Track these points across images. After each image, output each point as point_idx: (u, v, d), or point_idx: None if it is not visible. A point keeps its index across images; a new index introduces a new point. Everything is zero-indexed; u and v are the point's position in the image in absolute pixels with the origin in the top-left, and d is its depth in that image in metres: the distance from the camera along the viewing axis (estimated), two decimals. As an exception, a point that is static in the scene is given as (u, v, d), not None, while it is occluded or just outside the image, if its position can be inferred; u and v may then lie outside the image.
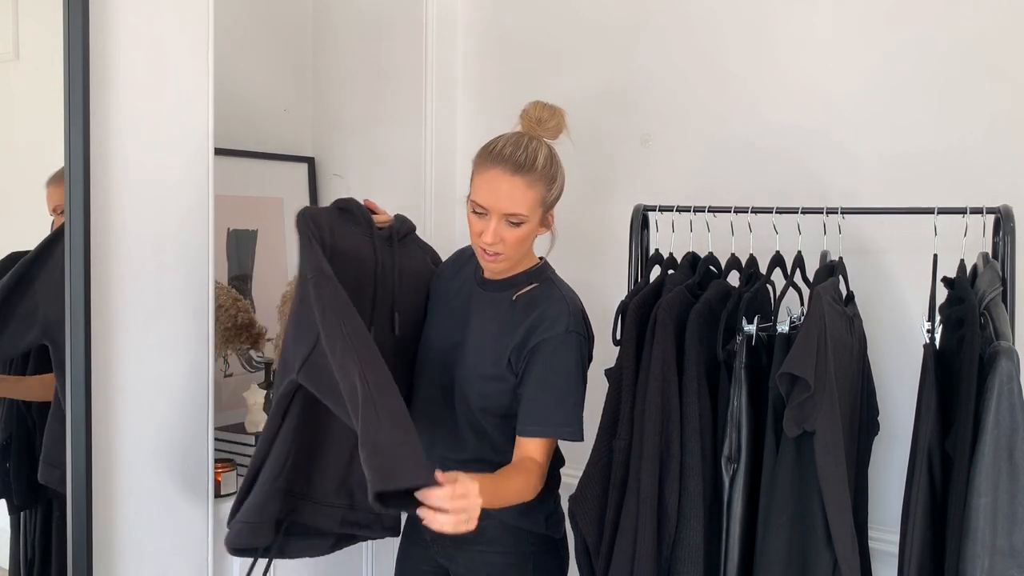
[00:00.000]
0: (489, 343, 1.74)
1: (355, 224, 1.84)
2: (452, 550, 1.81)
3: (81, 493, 1.77)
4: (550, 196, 1.70)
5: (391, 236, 1.88)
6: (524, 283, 1.76)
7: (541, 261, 1.80)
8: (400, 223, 1.93)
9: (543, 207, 1.69)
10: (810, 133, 2.10)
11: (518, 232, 1.67)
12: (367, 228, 1.85)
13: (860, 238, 1.97)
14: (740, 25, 2.19)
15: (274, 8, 2.78)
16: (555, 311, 1.70)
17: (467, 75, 2.65)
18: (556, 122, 1.71)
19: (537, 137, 1.69)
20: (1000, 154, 1.89)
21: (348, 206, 1.86)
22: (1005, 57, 1.89)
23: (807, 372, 1.49)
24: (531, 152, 1.66)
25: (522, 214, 1.65)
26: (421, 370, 1.85)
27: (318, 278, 1.62)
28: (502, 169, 1.64)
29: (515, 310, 1.74)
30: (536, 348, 1.68)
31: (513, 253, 1.71)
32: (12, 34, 1.85)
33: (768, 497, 1.57)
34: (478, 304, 1.79)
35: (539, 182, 1.66)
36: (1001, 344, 1.46)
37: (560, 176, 1.72)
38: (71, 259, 1.75)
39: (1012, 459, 1.43)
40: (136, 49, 1.83)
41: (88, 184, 1.75)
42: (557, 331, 1.68)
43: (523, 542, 1.77)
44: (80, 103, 1.72)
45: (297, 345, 1.65)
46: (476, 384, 1.74)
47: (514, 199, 1.64)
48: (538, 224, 1.71)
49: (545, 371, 1.67)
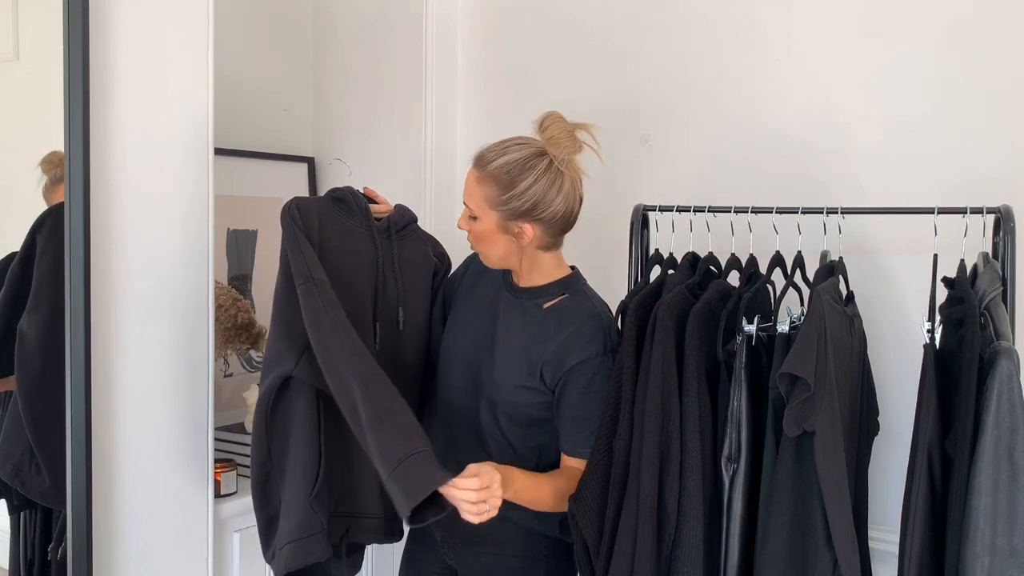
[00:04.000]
0: (520, 352, 1.72)
1: (351, 215, 1.79)
2: (463, 551, 1.79)
3: (81, 493, 1.77)
4: (504, 201, 1.64)
5: (389, 228, 1.83)
6: (556, 293, 1.74)
7: (573, 271, 1.79)
8: (400, 214, 1.88)
9: (495, 209, 1.65)
10: (810, 133, 2.10)
11: (474, 227, 1.71)
12: (364, 220, 1.80)
13: (860, 238, 1.97)
14: (740, 25, 2.19)
15: (274, 8, 2.77)
16: (590, 330, 1.69)
17: (467, 75, 2.65)
18: (557, 131, 1.62)
19: (535, 145, 1.64)
20: (1000, 154, 1.89)
21: (343, 196, 1.80)
22: (1005, 57, 1.89)
23: (807, 372, 1.49)
24: (500, 151, 1.65)
25: (469, 207, 1.70)
26: (444, 371, 1.83)
27: (307, 285, 1.60)
28: (473, 160, 1.71)
29: (546, 321, 1.72)
30: (574, 370, 1.68)
31: (481, 248, 1.74)
32: (12, 34, 1.85)
33: (768, 497, 1.57)
34: (507, 310, 1.77)
35: (488, 181, 1.65)
36: (1001, 344, 1.46)
37: (529, 187, 1.62)
38: (71, 259, 1.75)
39: (1012, 459, 1.43)
40: (136, 49, 1.83)
41: (88, 184, 1.75)
42: (595, 351, 1.69)
43: (536, 545, 1.76)
44: (80, 103, 1.72)
45: (284, 342, 1.64)
46: (505, 392, 1.73)
47: (467, 189, 1.71)
48: (497, 229, 1.67)
49: (586, 395, 1.68)
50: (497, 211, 1.66)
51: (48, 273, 1.78)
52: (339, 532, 1.76)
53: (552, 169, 1.63)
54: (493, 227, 1.68)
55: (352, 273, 1.75)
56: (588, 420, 1.69)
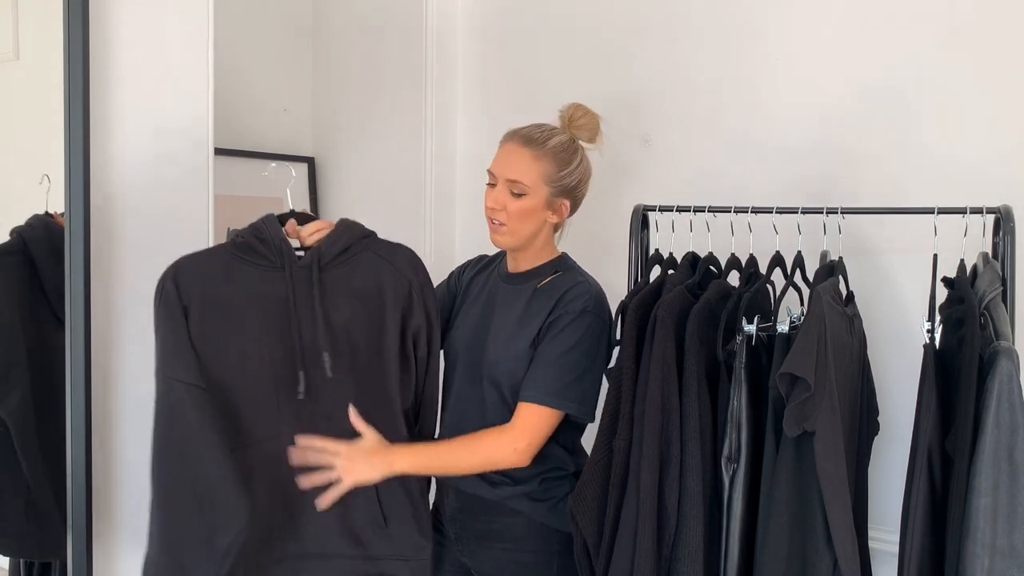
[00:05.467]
0: (515, 326, 1.76)
1: (260, 257, 1.62)
2: (476, 547, 1.80)
3: (81, 492, 1.77)
4: (560, 177, 1.75)
5: (311, 263, 1.63)
6: (548, 273, 1.80)
7: (562, 254, 1.85)
8: (330, 243, 1.66)
9: (549, 185, 1.74)
10: (810, 133, 2.10)
11: (519, 203, 1.73)
12: (277, 259, 1.62)
13: (860, 238, 1.97)
14: (740, 25, 2.19)
15: (274, 8, 2.78)
16: (576, 292, 1.74)
17: (467, 75, 2.65)
18: (587, 122, 1.78)
19: (567, 131, 1.77)
20: (1000, 154, 1.89)
21: (247, 241, 1.63)
22: (1005, 57, 1.89)
23: (807, 372, 1.49)
24: (547, 133, 1.76)
25: (523, 183, 1.73)
26: (451, 368, 1.86)
27: (168, 383, 1.55)
28: (515, 142, 1.76)
29: (539, 297, 1.77)
30: (552, 323, 1.72)
31: (516, 225, 1.75)
32: (12, 34, 1.85)
33: (768, 497, 1.57)
34: (503, 297, 1.82)
35: (546, 158, 1.74)
36: (1001, 344, 1.46)
37: (578, 165, 1.77)
38: (71, 259, 1.75)
39: (1012, 459, 1.43)
40: (136, 49, 1.83)
41: (88, 184, 1.75)
42: (574, 308, 1.72)
43: (551, 541, 1.76)
44: (80, 103, 1.73)
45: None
46: (505, 368, 1.74)
47: (518, 167, 1.73)
48: (544, 205, 1.76)
49: (551, 343, 1.71)
50: (550, 187, 1.75)
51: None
52: None
53: (584, 153, 1.80)
54: (542, 203, 1.75)
55: (260, 329, 1.61)
56: (543, 369, 1.69)
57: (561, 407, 1.69)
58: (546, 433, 1.69)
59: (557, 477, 1.75)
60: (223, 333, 1.59)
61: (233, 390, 1.59)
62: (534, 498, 1.73)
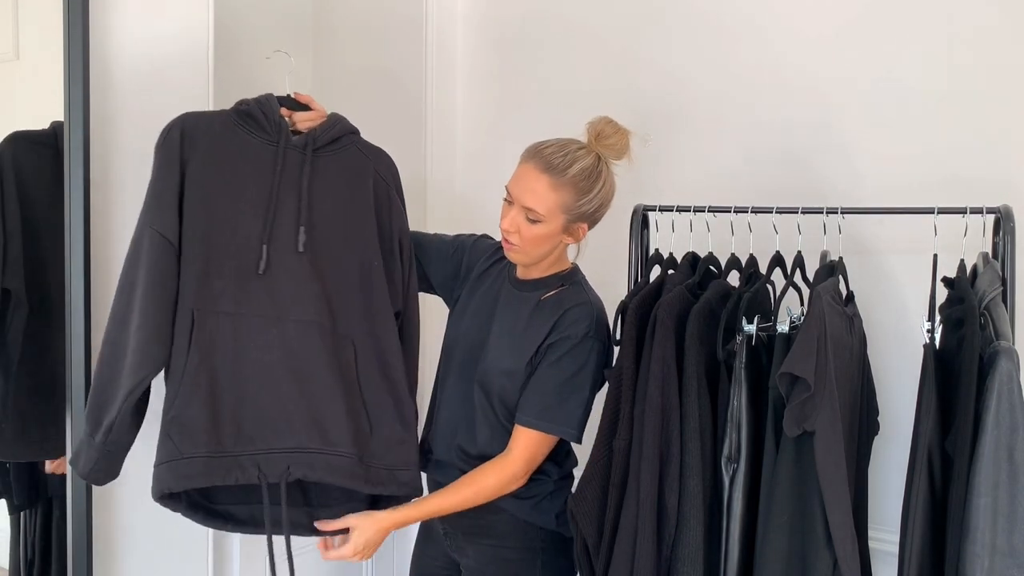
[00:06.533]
0: (512, 341, 1.75)
1: (259, 129, 1.68)
2: (463, 543, 1.83)
3: (81, 493, 1.77)
4: (578, 206, 1.69)
5: (307, 143, 1.71)
6: (554, 285, 1.78)
7: (572, 266, 1.83)
8: (328, 127, 1.75)
9: (566, 214, 1.69)
10: (810, 133, 2.10)
11: (534, 230, 1.69)
12: (274, 134, 1.68)
13: (860, 238, 1.97)
14: (740, 25, 2.19)
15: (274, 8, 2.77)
16: (579, 313, 1.72)
17: (467, 75, 2.65)
18: (617, 140, 1.70)
19: (593, 150, 1.69)
20: (1000, 154, 1.89)
21: (250, 109, 1.69)
22: (1005, 57, 1.89)
23: (807, 372, 1.49)
24: (569, 158, 1.67)
25: (538, 212, 1.67)
26: (447, 361, 1.87)
27: (147, 231, 1.59)
28: (534, 165, 1.68)
29: (541, 310, 1.75)
30: (553, 345, 1.71)
31: (529, 248, 1.72)
32: (12, 34, 1.85)
33: (768, 497, 1.57)
34: (507, 301, 1.81)
35: (566, 187, 1.67)
36: (1001, 344, 1.46)
37: (598, 192, 1.70)
38: (71, 259, 1.75)
39: (1012, 459, 1.43)
40: (136, 49, 1.83)
41: (88, 184, 1.75)
42: (576, 332, 1.71)
43: (533, 538, 1.78)
44: (80, 103, 1.73)
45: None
46: (497, 378, 1.75)
47: (535, 195, 1.67)
48: (560, 231, 1.72)
49: (554, 368, 1.71)
50: (567, 215, 1.69)
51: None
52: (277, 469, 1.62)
53: (608, 173, 1.72)
54: (558, 229, 1.71)
55: (244, 199, 1.65)
56: (544, 393, 1.70)
57: (560, 433, 1.72)
58: (543, 455, 1.74)
59: (540, 476, 1.77)
60: (213, 193, 1.63)
61: (210, 251, 1.62)
62: (517, 496, 1.75)
